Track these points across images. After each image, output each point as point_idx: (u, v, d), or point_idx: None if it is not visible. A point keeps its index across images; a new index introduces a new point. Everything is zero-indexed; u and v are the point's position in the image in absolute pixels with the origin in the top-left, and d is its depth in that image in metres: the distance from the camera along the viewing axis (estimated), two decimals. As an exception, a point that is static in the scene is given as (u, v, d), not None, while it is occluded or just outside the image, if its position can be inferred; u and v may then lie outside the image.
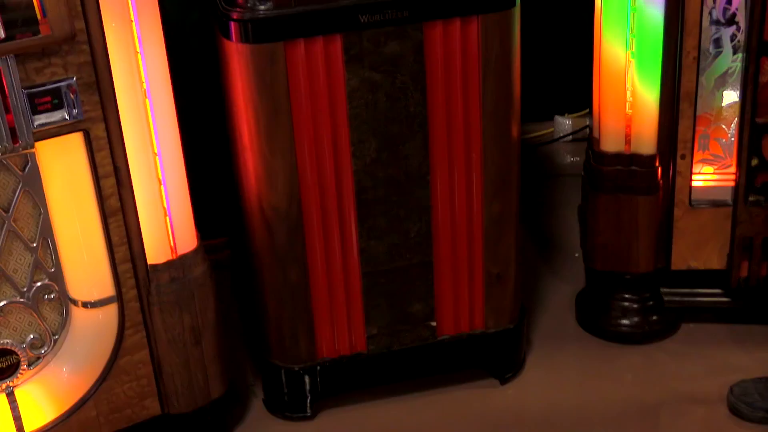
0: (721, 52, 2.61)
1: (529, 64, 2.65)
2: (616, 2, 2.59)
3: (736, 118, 2.65)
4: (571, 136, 3.65)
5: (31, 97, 2.09)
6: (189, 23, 3.01)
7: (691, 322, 2.97)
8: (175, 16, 2.77)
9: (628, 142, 2.71)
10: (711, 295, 2.89)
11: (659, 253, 2.83)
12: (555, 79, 3.64)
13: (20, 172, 2.19)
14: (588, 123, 3.43)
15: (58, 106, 2.13)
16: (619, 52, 2.63)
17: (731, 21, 2.57)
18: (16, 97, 2.07)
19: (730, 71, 2.63)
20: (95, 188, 2.25)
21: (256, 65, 2.32)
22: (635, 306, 2.91)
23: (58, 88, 2.12)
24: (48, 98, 2.12)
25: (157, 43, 2.23)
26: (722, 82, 2.65)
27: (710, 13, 2.57)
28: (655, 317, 2.92)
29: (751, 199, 2.67)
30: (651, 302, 2.92)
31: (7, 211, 2.20)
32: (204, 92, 2.91)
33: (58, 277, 2.31)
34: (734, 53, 2.61)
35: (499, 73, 2.46)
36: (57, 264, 2.29)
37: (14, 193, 2.20)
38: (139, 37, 2.18)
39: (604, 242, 2.84)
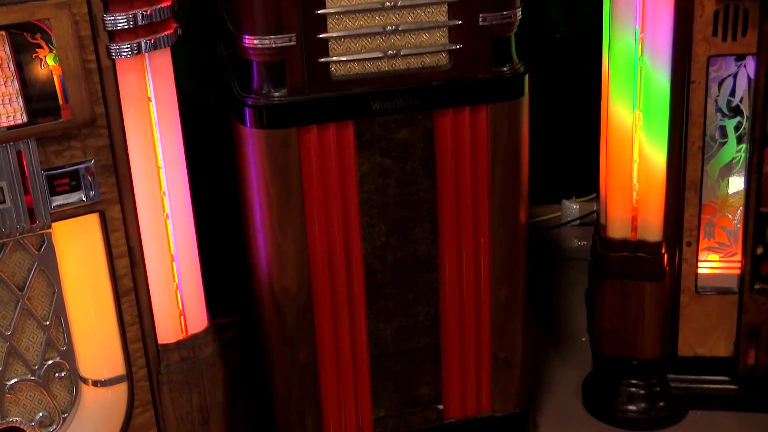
0: (725, 142, 2.66)
1: (536, 148, 2.70)
2: (622, 92, 2.65)
3: (741, 207, 2.69)
4: (578, 221, 3.68)
5: (49, 179, 2.14)
6: (204, 105, 3.08)
7: (698, 409, 2.97)
8: (191, 98, 2.85)
9: (634, 228, 2.75)
10: (718, 383, 2.90)
11: (666, 339, 2.84)
12: (563, 163, 3.68)
13: (36, 252, 2.23)
14: (595, 208, 3.47)
15: (75, 188, 2.18)
16: (626, 144, 2.68)
17: (735, 111, 2.62)
18: (35, 179, 2.12)
19: (734, 161, 2.68)
20: (109, 268, 2.28)
21: (270, 150, 2.37)
22: (642, 392, 2.92)
23: (77, 171, 2.17)
24: (66, 180, 2.16)
25: (173, 128, 2.28)
26: (727, 172, 2.69)
27: (715, 101, 2.62)
28: (662, 403, 2.92)
29: (756, 287, 2.69)
30: (658, 388, 2.92)
31: (22, 289, 2.24)
32: (217, 173, 2.97)
33: (69, 355, 2.33)
34: (738, 143, 2.66)
35: (507, 160, 2.51)
36: (69, 342, 2.32)
37: (29, 272, 2.24)
38: (156, 122, 2.23)
39: (610, 327, 2.86)
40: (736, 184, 2.69)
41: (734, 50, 2.53)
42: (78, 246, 2.26)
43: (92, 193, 2.19)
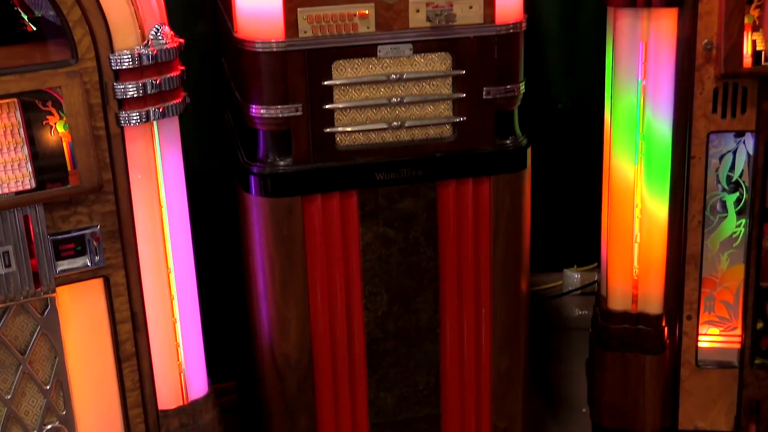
0: (725, 216, 2.68)
1: (538, 216, 2.72)
2: (624, 145, 2.68)
3: (741, 282, 2.70)
4: (579, 290, 3.69)
5: (55, 244, 2.16)
6: (209, 170, 3.10)
7: (699, 482, 2.95)
8: (197, 163, 2.87)
9: (635, 301, 2.76)
10: (719, 457, 2.89)
11: (666, 412, 2.83)
12: (564, 232, 3.70)
13: (39, 316, 2.23)
14: (596, 278, 3.48)
15: (81, 253, 2.20)
16: (627, 213, 2.71)
17: (735, 186, 2.65)
18: (41, 244, 2.14)
19: (734, 235, 2.70)
20: (112, 333, 2.29)
21: (274, 218, 2.40)
22: (642, 464, 2.90)
23: (82, 236, 2.19)
24: (72, 245, 2.18)
25: (179, 195, 2.30)
26: (727, 246, 2.71)
27: (716, 176, 2.65)
28: (662, 477, 2.91)
29: (757, 362, 2.70)
30: (658, 461, 2.91)
31: (23, 353, 2.24)
32: (220, 238, 2.99)
33: (68, 420, 2.32)
34: (738, 217, 2.68)
35: (509, 231, 2.54)
36: (69, 407, 2.32)
37: (32, 336, 2.24)
38: (163, 189, 2.26)
39: (611, 400, 2.85)
40: (736, 258, 2.71)
41: (733, 127, 2.56)
42: (81, 310, 2.27)
43: (97, 258, 2.21)
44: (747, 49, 2.47)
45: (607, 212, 2.78)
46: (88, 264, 2.21)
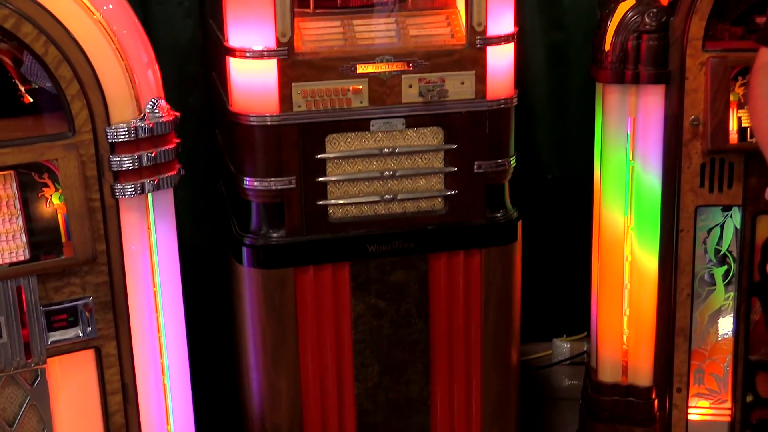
0: (714, 289, 2.70)
1: (527, 285, 2.73)
2: (613, 234, 2.71)
3: (731, 354, 2.71)
4: (569, 361, 3.69)
5: (48, 315, 2.16)
6: (201, 239, 3.12)
7: None
8: (189, 232, 2.88)
9: (625, 373, 2.76)
10: None
11: (657, 484, 2.83)
12: (554, 301, 3.71)
13: (29, 387, 2.22)
14: (586, 348, 3.49)
15: (73, 324, 2.19)
16: (617, 284, 2.73)
17: (723, 260, 2.68)
18: (33, 315, 2.14)
19: (723, 308, 2.72)
20: (102, 404, 2.28)
21: (267, 289, 2.41)
22: None
23: (75, 307, 2.19)
24: (64, 316, 2.18)
25: (172, 265, 2.31)
26: (716, 318, 2.73)
27: (704, 249, 2.67)
28: None
29: (747, 435, 2.70)
30: None
31: (11, 425, 2.23)
32: (211, 307, 2.99)
33: (57, 492, 2.30)
34: (727, 290, 2.70)
35: (500, 303, 2.55)
36: (57, 479, 2.30)
37: (21, 408, 2.23)
38: (157, 260, 2.27)
39: (601, 472, 2.85)
40: (725, 331, 2.72)
41: (721, 201, 2.60)
42: (71, 381, 2.26)
43: (89, 329, 2.21)
44: (733, 126, 2.52)
45: (597, 282, 2.80)
46: (80, 335, 2.20)
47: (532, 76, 3.25)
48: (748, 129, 2.50)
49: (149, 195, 2.22)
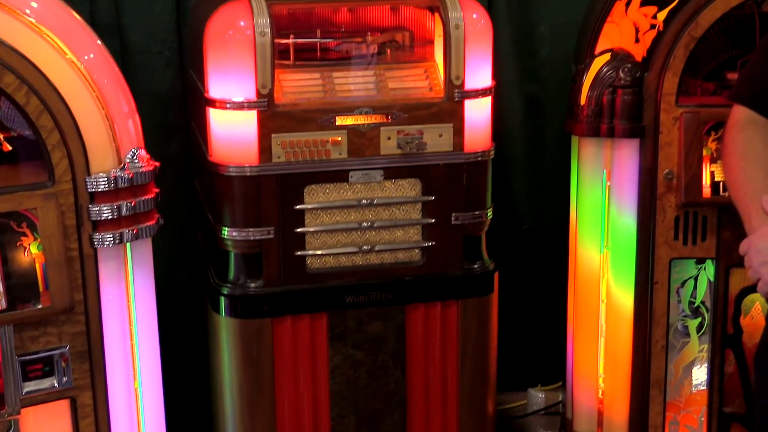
0: (688, 342, 2.72)
1: (502, 334, 2.74)
2: (588, 287, 2.74)
3: (705, 407, 2.73)
4: (543, 411, 3.69)
5: (23, 365, 2.14)
6: (178, 286, 3.11)
7: None
8: (165, 279, 2.87)
9: (600, 424, 2.77)
10: None
11: None
12: (528, 351, 3.72)
13: (2, 437, 2.21)
14: (560, 397, 3.49)
15: (48, 374, 2.18)
16: (593, 334, 2.74)
17: (697, 312, 2.70)
18: (8, 365, 2.12)
19: (697, 360, 2.74)
20: (76, 455, 2.26)
21: (244, 339, 2.41)
22: None
23: (51, 357, 2.18)
24: (40, 366, 2.17)
25: (150, 314, 2.31)
26: (690, 370, 2.75)
27: (678, 302, 2.69)
28: None
29: (721, 487, 2.71)
30: None
31: (-15, 475, 2.21)
32: (187, 356, 2.98)
33: None
34: (701, 343, 2.72)
35: (476, 354, 2.56)
36: None
37: (-6, 458, 2.21)
38: (135, 308, 2.26)
39: None
40: (700, 383, 2.74)
41: (695, 254, 2.63)
42: (46, 432, 2.25)
43: (65, 379, 2.20)
44: (706, 180, 2.56)
45: (573, 331, 2.82)
46: (56, 385, 2.19)
47: (508, 127, 3.29)
48: (721, 183, 2.54)
49: (128, 244, 2.22)
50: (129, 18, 2.95)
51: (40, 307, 2.12)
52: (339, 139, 2.38)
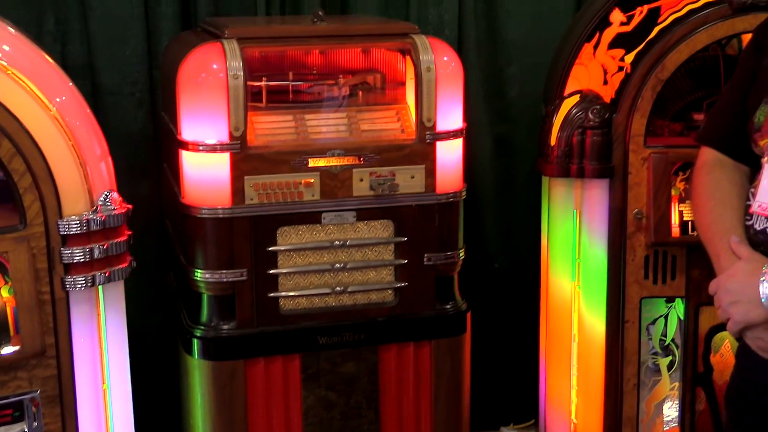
0: (659, 380, 2.74)
1: (474, 373, 2.74)
2: (561, 323, 2.75)
3: (677, 444, 2.75)
4: (517, 451, 3.70)
5: (-7, 411, 2.13)
6: (150, 328, 3.09)
7: None
8: (137, 321, 2.85)
9: (573, 465, 2.78)
10: None
11: None
12: (500, 389, 3.72)
13: (-29, 484, 2.18)
14: (533, 438, 3.50)
15: (18, 419, 2.16)
16: (564, 370, 2.76)
17: (668, 350, 2.72)
18: (-22, 410, 2.10)
19: (668, 398, 2.75)
20: (46, 502, 2.23)
21: (216, 381, 2.39)
22: None
23: (21, 402, 2.15)
24: (9, 411, 2.15)
25: (122, 357, 2.29)
26: (661, 408, 2.76)
27: (649, 340, 2.72)
28: None
29: None
30: None
31: None
32: (159, 397, 2.96)
33: None
34: (672, 381, 2.74)
35: (449, 394, 2.56)
36: None
37: (-38, 505, 2.18)
38: (107, 351, 2.25)
39: None
40: (671, 420, 2.75)
41: (664, 293, 2.66)
42: (15, 479, 2.22)
43: (35, 424, 2.18)
44: (675, 219, 2.59)
45: (545, 369, 2.83)
46: (26, 430, 2.17)
47: (478, 167, 3.31)
48: (690, 222, 2.57)
49: (100, 287, 2.21)
50: (100, 60, 2.96)
51: (10, 351, 2.10)
52: (312, 180, 2.39)
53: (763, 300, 1.82)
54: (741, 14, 2.50)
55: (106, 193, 2.19)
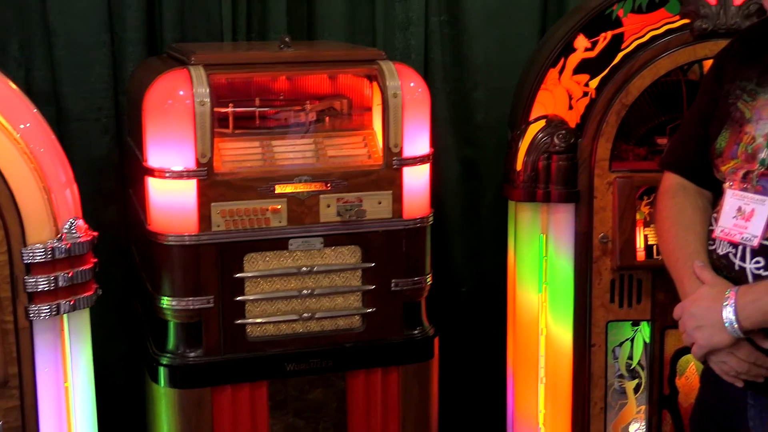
0: (626, 403, 2.75)
1: (442, 398, 2.74)
2: (527, 346, 2.76)
3: (644, 468, 2.75)
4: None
5: (-46, 442, 2.10)
6: (114, 356, 3.06)
7: None
8: (101, 349, 2.83)
9: (541, 488, 2.78)
10: None
11: None
12: (469, 413, 3.72)
13: None
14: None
15: (-20, 452, 2.13)
16: (532, 395, 2.76)
17: (634, 374, 2.74)
18: (-60, 441, 2.07)
19: (635, 421, 2.76)
20: None
21: (183, 410, 2.38)
22: None
23: (-17, 433, 2.13)
24: (-28, 442, 2.12)
25: (87, 386, 2.27)
26: (628, 431, 2.77)
27: (615, 363, 2.73)
28: None
29: None
30: None
31: None
32: (125, 428, 2.93)
33: None
34: (638, 404, 2.76)
35: (418, 420, 2.56)
36: None
37: None
38: (71, 381, 2.22)
39: None
40: (639, 444, 2.78)
41: (630, 316, 2.67)
42: None
43: (-2, 456, 2.15)
44: (640, 243, 2.61)
45: (513, 392, 2.83)
46: (-11, 462, 2.14)
47: (445, 191, 3.32)
48: (655, 246, 2.59)
49: (65, 316, 2.19)
50: (65, 85, 2.94)
51: (-27, 382, 2.08)
52: (278, 207, 2.38)
53: (726, 325, 1.84)
54: (702, 41, 2.52)
55: (71, 220, 2.17)
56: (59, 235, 2.15)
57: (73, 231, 2.17)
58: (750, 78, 1.95)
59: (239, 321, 2.40)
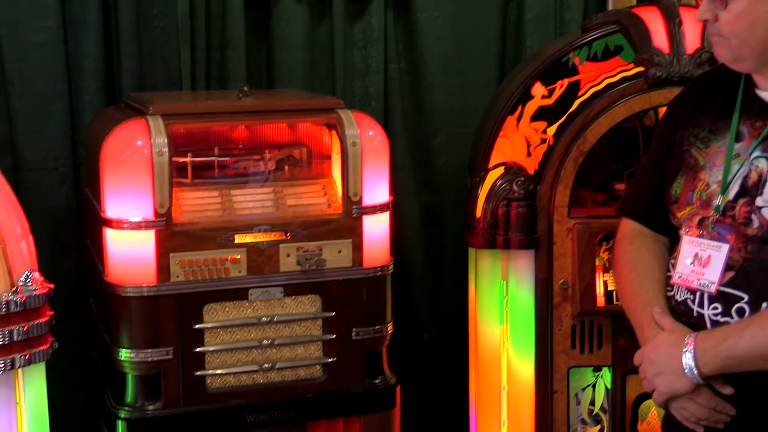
0: (596, 441, 2.76)
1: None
2: (489, 397, 2.75)
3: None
4: None
5: None
6: (72, 407, 3.02)
7: None
8: (59, 401, 2.79)
9: None
10: None
11: None
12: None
13: None
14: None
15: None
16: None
17: (596, 420, 2.73)
18: None
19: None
20: None
21: (144, 461, 2.34)
22: None
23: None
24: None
25: None
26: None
27: (577, 409, 2.73)
28: None
29: None
30: None
31: None
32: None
33: None
34: (608, 442, 2.76)
35: (381, 470, 2.54)
36: None
37: None
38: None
39: None
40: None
41: (591, 362, 2.68)
42: None
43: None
44: (600, 289, 2.62)
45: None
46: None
47: (406, 237, 3.33)
48: (614, 292, 2.60)
49: (20, 370, 2.15)
50: (22, 135, 2.92)
51: (-75, 439, 2.03)
52: (238, 257, 2.37)
53: (686, 371, 1.84)
54: (656, 88, 2.56)
55: (27, 272, 2.14)
56: (14, 288, 2.12)
57: (29, 283, 2.14)
58: (703, 125, 1.98)
59: (199, 372, 2.37)
